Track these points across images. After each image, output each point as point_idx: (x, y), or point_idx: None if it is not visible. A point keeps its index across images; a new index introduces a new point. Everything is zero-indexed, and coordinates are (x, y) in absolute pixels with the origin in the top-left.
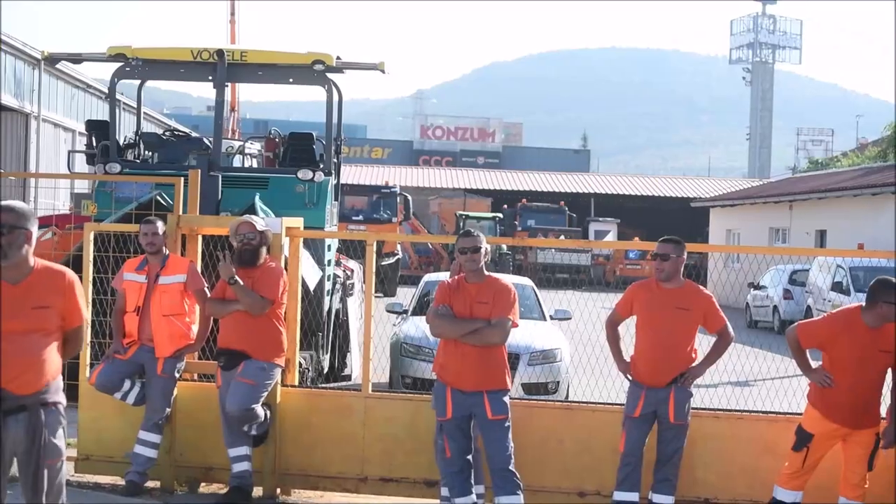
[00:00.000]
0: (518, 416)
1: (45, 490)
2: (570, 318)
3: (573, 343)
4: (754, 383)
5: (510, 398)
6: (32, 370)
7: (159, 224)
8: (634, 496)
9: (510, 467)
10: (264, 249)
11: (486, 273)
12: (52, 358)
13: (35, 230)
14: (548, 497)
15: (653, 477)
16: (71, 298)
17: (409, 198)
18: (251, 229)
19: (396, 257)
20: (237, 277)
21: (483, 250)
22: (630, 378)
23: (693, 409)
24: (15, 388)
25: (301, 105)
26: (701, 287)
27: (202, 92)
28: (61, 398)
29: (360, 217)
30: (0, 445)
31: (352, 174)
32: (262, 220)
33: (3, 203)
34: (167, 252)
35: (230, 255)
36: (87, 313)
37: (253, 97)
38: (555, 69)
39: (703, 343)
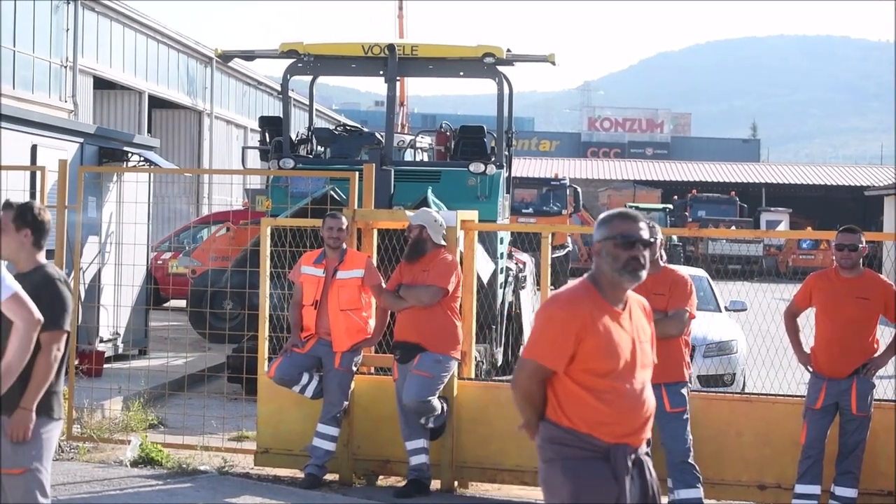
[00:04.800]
0: (696, 408)
1: None
2: (745, 310)
3: (750, 335)
4: None
5: (688, 390)
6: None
7: (343, 219)
8: (816, 489)
9: (689, 460)
10: (427, 242)
11: (662, 264)
12: None
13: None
14: (727, 490)
15: (835, 469)
16: None
17: (579, 190)
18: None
19: (567, 250)
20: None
21: (659, 241)
22: (811, 369)
23: (875, 400)
24: (633, 441)
25: (468, 99)
26: (881, 276)
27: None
28: None
29: (531, 210)
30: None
31: (520, 167)
32: (437, 213)
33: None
34: (345, 247)
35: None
36: None
37: (420, 91)
38: (721, 58)
39: (883, 334)
